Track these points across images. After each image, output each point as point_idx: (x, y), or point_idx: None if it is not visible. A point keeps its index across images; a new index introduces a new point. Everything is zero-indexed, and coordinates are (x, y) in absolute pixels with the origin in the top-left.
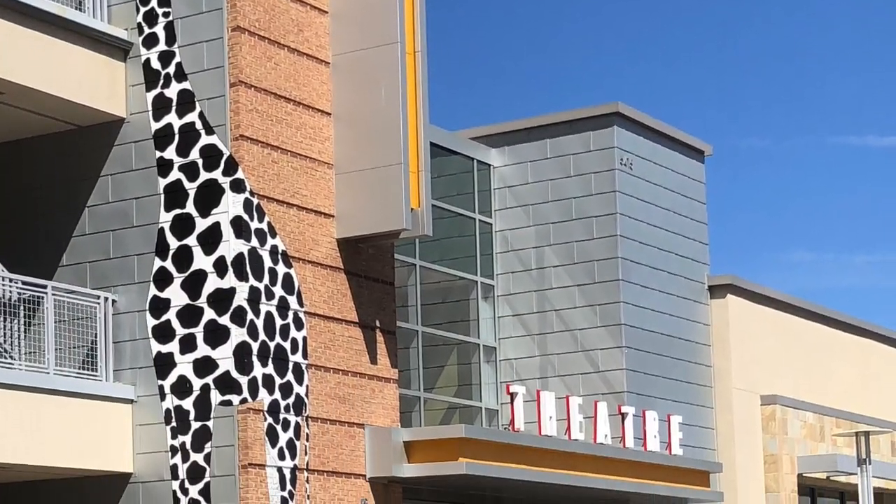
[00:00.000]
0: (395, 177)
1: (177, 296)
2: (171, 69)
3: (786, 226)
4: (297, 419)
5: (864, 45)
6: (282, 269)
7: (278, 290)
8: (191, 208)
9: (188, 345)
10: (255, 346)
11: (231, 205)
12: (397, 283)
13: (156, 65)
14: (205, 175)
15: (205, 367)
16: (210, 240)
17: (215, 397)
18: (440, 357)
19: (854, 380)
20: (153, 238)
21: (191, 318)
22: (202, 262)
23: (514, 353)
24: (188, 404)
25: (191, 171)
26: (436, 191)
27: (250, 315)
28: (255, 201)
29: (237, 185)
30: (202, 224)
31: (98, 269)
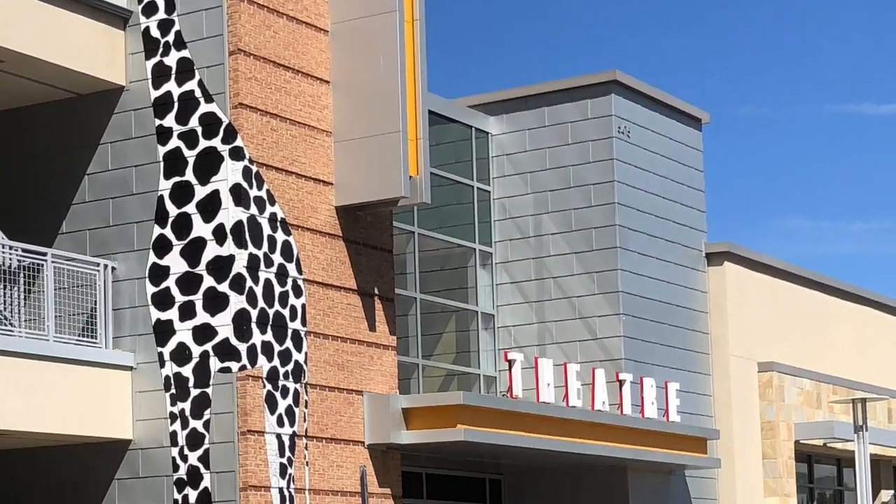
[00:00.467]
0: (393, 145)
1: (176, 263)
2: (171, 37)
3: (783, 193)
4: (295, 386)
5: (861, 13)
6: (281, 236)
7: (277, 258)
8: (190, 176)
9: (187, 312)
10: (254, 314)
11: (230, 172)
12: (396, 250)
13: (155, 33)
14: (204, 143)
15: (204, 334)
16: (209, 207)
17: (214, 364)
18: (438, 324)
19: (851, 347)
20: (153, 206)
21: (190, 285)
22: (201, 229)
23: (511, 321)
24: (187, 371)
25: (190, 139)
26: (434, 159)
27: (249, 282)
28: (254, 169)
29: (236, 153)
30: (201, 192)
31: (98, 236)
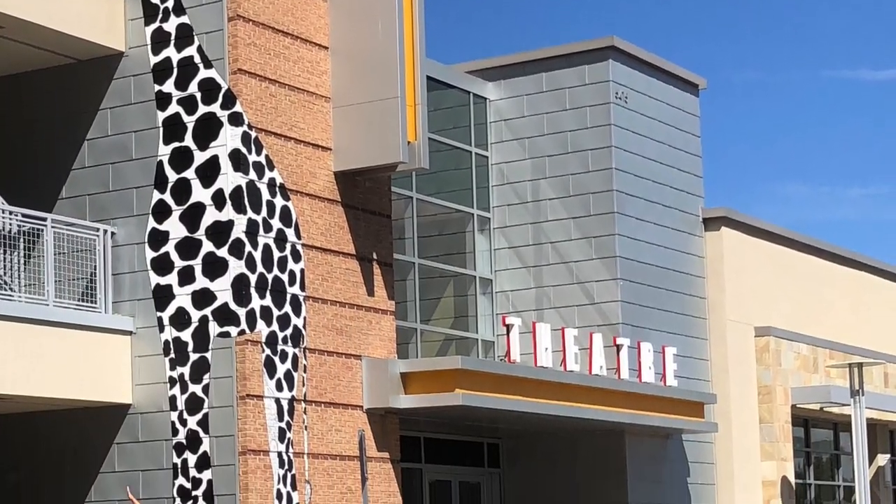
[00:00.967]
0: (391, 110)
1: (175, 228)
2: (170, 3)
3: (780, 158)
4: (294, 350)
5: None
6: (279, 201)
7: (276, 223)
8: (189, 141)
9: (187, 277)
10: (253, 278)
11: (229, 138)
12: (394, 215)
13: None
14: (203, 108)
15: (203, 298)
16: (208, 173)
17: (213, 329)
18: (437, 289)
19: (848, 312)
20: (152, 171)
21: (189, 250)
22: (200, 194)
23: (509, 286)
24: (187, 336)
25: (189, 104)
26: (432, 124)
27: (248, 247)
28: (252, 134)
29: (235, 119)
30: (200, 157)
31: (97, 201)
